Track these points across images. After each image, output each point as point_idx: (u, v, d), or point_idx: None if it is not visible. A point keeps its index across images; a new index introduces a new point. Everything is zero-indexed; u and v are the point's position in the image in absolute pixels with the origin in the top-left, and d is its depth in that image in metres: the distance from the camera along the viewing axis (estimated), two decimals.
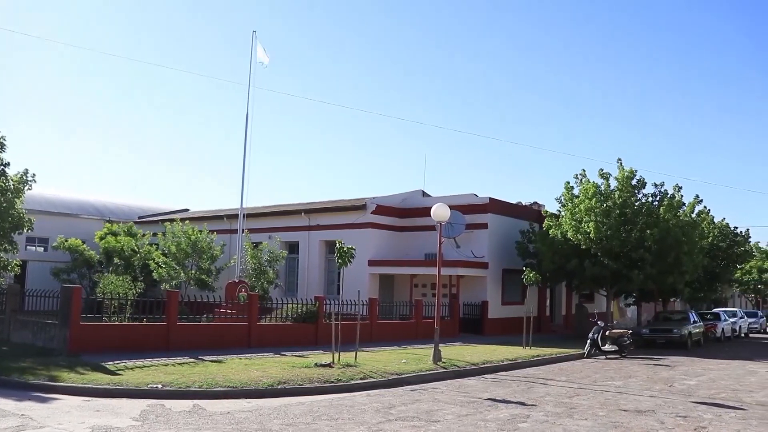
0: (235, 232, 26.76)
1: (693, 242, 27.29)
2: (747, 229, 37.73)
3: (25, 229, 22.01)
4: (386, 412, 10.36)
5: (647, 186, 27.45)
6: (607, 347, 21.98)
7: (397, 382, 13.81)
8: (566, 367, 18.39)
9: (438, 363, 16.18)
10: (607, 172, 27.22)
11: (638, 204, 26.76)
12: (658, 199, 27.66)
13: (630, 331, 24.13)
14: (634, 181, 26.87)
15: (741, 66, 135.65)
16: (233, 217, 30.83)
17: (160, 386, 11.47)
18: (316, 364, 14.59)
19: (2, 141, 20.46)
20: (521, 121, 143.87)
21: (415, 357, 17.46)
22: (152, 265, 29.25)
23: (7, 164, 20.84)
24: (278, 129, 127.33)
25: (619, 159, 27.22)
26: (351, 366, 14.58)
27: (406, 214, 31.63)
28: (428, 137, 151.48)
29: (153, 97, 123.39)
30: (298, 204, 35.26)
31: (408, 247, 31.00)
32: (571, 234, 26.74)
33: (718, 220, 36.63)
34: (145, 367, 13.55)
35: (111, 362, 13.60)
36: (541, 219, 30.22)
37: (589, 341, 21.84)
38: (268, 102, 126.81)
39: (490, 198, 30.01)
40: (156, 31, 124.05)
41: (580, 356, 21.22)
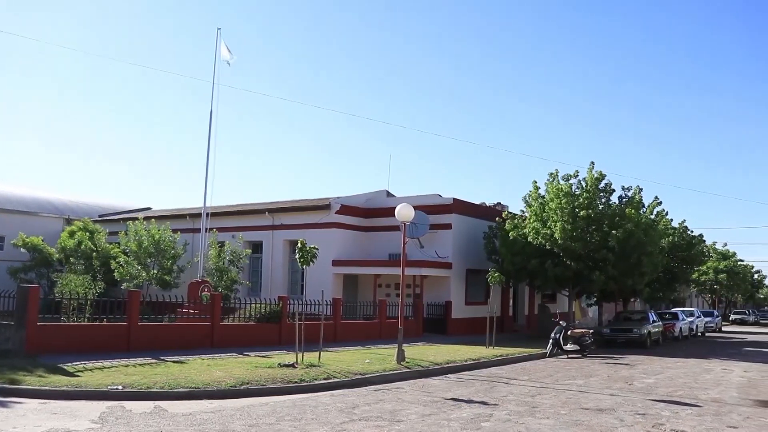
0: (199, 231, 26.44)
1: (654, 243, 27.84)
2: (701, 234, 38.81)
3: None
4: (350, 412, 10.35)
5: (615, 189, 27.82)
6: (569, 347, 22.30)
7: (360, 382, 13.81)
8: (529, 367, 18.59)
9: (402, 363, 16.22)
10: (576, 172, 27.42)
11: (603, 206, 27.14)
12: (624, 201, 28.13)
13: (591, 331, 24.53)
14: (602, 185, 27.23)
15: (713, 71, 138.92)
16: (196, 216, 30.47)
17: (120, 387, 11.26)
18: (279, 364, 14.52)
19: None
20: (486, 123, 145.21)
21: (379, 357, 17.48)
22: (113, 265, 28.75)
23: None
24: (243, 128, 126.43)
25: (592, 162, 27.49)
26: (315, 366, 14.54)
27: (370, 214, 31.60)
28: (393, 137, 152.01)
29: (115, 94, 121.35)
30: (262, 203, 34.94)
31: (372, 247, 31.00)
32: (531, 237, 27.04)
33: (678, 222, 37.44)
34: (105, 368, 13.29)
35: (70, 363, 13.30)
36: (504, 220, 30.52)
37: (551, 341, 22.12)
38: (233, 100, 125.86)
39: (454, 198, 30.17)
40: (119, 27, 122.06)
41: (543, 356, 21.47)
